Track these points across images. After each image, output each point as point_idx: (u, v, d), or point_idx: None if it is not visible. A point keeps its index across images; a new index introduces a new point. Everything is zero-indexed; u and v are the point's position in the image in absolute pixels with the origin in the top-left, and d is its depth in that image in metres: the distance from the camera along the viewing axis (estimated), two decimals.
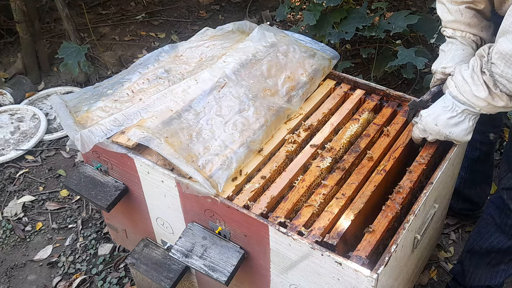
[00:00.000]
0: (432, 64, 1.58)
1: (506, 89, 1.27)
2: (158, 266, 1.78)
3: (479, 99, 1.34)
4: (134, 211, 1.83)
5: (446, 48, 1.55)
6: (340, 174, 1.51)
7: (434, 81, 1.57)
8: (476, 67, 1.32)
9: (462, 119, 1.42)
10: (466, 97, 1.37)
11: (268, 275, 1.51)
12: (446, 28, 1.56)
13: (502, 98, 1.30)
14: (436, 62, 1.56)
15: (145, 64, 1.93)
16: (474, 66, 1.34)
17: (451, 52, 1.53)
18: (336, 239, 1.31)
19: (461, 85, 1.37)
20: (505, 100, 1.31)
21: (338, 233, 1.33)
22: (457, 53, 1.52)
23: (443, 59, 1.54)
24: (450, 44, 1.54)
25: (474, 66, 1.34)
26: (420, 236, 1.50)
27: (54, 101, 1.76)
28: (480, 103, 1.35)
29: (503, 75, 1.25)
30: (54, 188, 2.58)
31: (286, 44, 1.88)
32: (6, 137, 2.83)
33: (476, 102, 1.36)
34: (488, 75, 1.29)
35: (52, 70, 3.36)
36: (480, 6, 1.49)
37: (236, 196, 1.47)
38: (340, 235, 1.32)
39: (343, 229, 1.34)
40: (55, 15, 3.73)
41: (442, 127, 1.45)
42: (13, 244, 2.32)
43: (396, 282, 1.51)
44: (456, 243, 2.21)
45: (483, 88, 1.31)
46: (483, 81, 1.31)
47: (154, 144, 1.50)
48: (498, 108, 1.35)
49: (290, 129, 1.68)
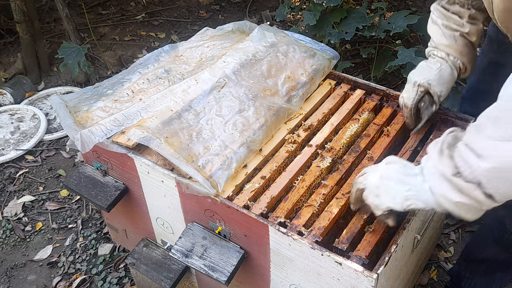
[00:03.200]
0: (413, 74, 1.56)
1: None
2: (158, 266, 1.78)
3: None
4: (134, 211, 1.83)
5: (433, 66, 1.53)
6: (340, 174, 1.51)
7: (418, 94, 1.54)
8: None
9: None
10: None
11: (268, 275, 1.51)
12: (439, 50, 1.54)
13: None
14: (419, 74, 1.54)
15: (145, 64, 1.93)
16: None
17: (439, 71, 1.52)
18: (346, 244, 1.31)
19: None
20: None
21: (348, 238, 1.33)
22: (444, 75, 1.52)
23: (429, 74, 1.52)
24: (439, 63, 1.53)
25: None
26: (420, 236, 1.50)
27: (54, 101, 1.76)
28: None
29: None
30: (54, 188, 2.58)
31: (286, 44, 1.88)
32: (6, 137, 2.83)
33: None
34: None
35: (52, 70, 3.36)
36: (472, 38, 1.51)
37: (236, 196, 1.47)
38: (350, 240, 1.32)
39: (352, 233, 1.34)
40: (55, 15, 3.73)
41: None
42: (13, 244, 2.32)
43: (396, 282, 1.51)
44: (456, 243, 2.21)
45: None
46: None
47: (154, 144, 1.50)
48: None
49: (290, 129, 1.68)
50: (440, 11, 1.51)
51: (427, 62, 1.56)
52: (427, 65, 1.55)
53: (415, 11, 2.79)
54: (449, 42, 1.51)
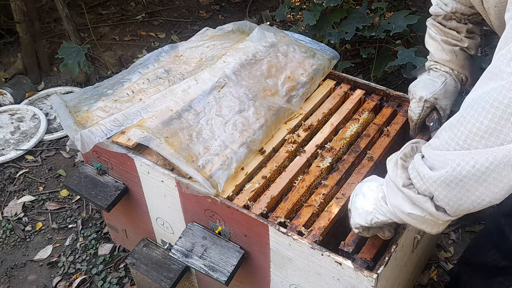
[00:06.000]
0: (417, 88, 1.54)
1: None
2: (158, 266, 1.78)
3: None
4: (134, 211, 1.83)
5: (438, 80, 1.52)
6: (340, 174, 1.51)
7: (424, 110, 1.52)
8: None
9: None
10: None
11: (268, 275, 1.51)
12: (442, 66, 1.53)
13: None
14: (424, 89, 1.52)
15: (145, 64, 1.93)
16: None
17: (445, 85, 1.51)
18: (351, 246, 1.31)
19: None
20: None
21: (353, 240, 1.33)
22: (449, 89, 1.51)
23: (434, 89, 1.51)
24: (443, 77, 1.52)
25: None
26: (420, 236, 1.50)
27: (54, 101, 1.76)
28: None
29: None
30: (54, 188, 2.58)
31: (286, 44, 1.88)
32: (6, 137, 2.83)
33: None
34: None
35: (52, 70, 3.36)
36: (471, 52, 1.50)
37: (236, 196, 1.47)
38: (355, 242, 1.32)
39: (357, 236, 1.34)
40: (55, 15, 3.73)
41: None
42: (13, 244, 2.31)
43: (396, 282, 1.51)
44: (456, 243, 2.21)
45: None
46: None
47: (154, 144, 1.49)
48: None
49: (290, 129, 1.68)
50: (438, 27, 1.51)
51: (430, 76, 1.55)
52: (431, 79, 1.54)
53: (415, 11, 2.79)
54: (450, 57, 1.50)
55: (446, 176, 0.93)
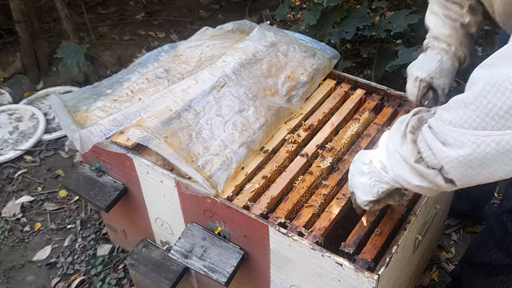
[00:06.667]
0: (413, 68, 1.51)
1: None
2: (157, 267, 1.77)
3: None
4: (133, 211, 1.82)
5: (434, 58, 1.48)
6: (341, 174, 1.50)
7: (421, 90, 1.49)
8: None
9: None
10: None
11: (268, 276, 1.50)
12: (439, 41, 1.49)
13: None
14: (419, 68, 1.49)
15: (144, 63, 1.92)
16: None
17: (440, 64, 1.48)
18: (352, 247, 1.30)
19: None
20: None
21: (354, 241, 1.32)
22: (445, 67, 1.48)
23: (429, 67, 1.48)
24: (439, 55, 1.48)
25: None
26: (421, 237, 1.49)
27: (53, 101, 1.75)
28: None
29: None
30: (53, 188, 2.57)
31: (286, 43, 1.87)
32: (4, 137, 2.82)
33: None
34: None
35: (51, 70, 3.35)
36: (472, 30, 1.48)
37: (236, 197, 1.46)
38: (356, 243, 1.31)
39: (359, 236, 1.33)
40: (55, 15, 3.72)
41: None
42: (12, 245, 2.31)
43: (397, 283, 1.50)
44: (457, 243, 2.20)
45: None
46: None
47: (153, 144, 1.49)
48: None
49: (290, 129, 1.67)
50: (440, 1, 1.49)
51: (426, 54, 1.52)
52: (427, 57, 1.51)
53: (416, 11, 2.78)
54: (450, 32, 1.47)
55: (465, 157, 0.94)
